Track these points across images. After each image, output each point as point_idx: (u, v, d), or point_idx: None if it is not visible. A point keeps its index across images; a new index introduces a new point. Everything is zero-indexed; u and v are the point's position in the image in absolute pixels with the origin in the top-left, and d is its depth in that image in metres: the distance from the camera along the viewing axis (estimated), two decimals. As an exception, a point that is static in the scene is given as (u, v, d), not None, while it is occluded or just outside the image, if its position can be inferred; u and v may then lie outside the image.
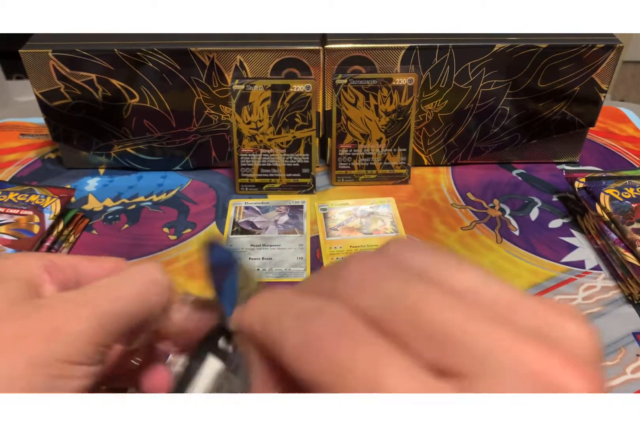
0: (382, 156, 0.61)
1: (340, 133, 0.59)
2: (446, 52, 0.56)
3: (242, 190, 0.61)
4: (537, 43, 0.56)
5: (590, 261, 0.53)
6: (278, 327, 0.17)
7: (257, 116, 0.57)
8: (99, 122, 0.60)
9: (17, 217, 0.51)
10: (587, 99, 0.60)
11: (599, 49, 0.56)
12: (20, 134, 0.71)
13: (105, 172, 0.65)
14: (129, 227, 0.57)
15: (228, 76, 0.57)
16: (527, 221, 0.57)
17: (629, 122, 0.73)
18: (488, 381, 0.15)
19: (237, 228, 0.56)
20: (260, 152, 0.59)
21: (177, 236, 0.56)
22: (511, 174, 0.65)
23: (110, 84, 0.57)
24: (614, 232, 0.51)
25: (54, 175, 0.64)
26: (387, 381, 0.15)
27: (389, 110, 0.58)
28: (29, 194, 0.53)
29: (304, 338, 0.16)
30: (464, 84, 0.59)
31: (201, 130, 0.61)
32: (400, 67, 0.57)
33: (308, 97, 0.56)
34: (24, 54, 0.55)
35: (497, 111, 0.61)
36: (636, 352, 0.44)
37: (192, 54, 0.56)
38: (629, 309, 0.48)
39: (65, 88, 0.57)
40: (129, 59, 0.56)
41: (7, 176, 0.64)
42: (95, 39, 0.56)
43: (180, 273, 0.51)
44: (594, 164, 0.66)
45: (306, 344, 0.16)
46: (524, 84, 0.59)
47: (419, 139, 0.63)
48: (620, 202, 0.52)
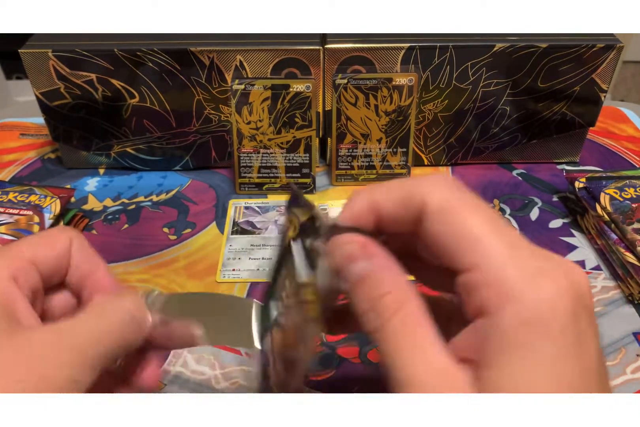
0: (382, 156, 0.61)
1: (340, 133, 0.59)
2: (446, 52, 0.56)
3: (242, 190, 0.61)
4: (537, 43, 0.56)
5: (591, 261, 0.53)
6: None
7: (257, 116, 0.57)
8: (99, 122, 0.60)
9: (16, 217, 0.51)
10: (587, 99, 0.60)
11: (599, 49, 0.56)
12: (20, 134, 0.71)
13: (105, 172, 0.65)
14: (128, 227, 0.57)
15: (228, 76, 0.57)
16: (527, 221, 0.57)
17: (629, 122, 0.73)
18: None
19: (237, 228, 0.56)
20: (260, 152, 0.59)
21: (177, 236, 0.56)
22: (511, 174, 0.65)
23: (110, 84, 0.57)
24: (614, 232, 0.51)
25: (54, 175, 0.64)
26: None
27: (389, 110, 0.58)
28: (28, 194, 0.53)
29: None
30: (464, 83, 0.59)
31: (201, 130, 0.61)
32: (400, 67, 0.57)
33: (308, 97, 0.56)
34: (23, 53, 0.55)
35: (497, 111, 0.61)
36: (636, 352, 0.44)
37: (192, 54, 0.56)
38: (629, 309, 0.48)
39: (65, 88, 0.57)
40: (129, 59, 0.56)
41: (7, 176, 0.64)
42: (95, 39, 0.56)
43: (180, 273, 0.51)
44: (594, 164, 0.66)
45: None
46: (524, 84, 0.59)
47: (419, 139, 0.63)
48: (621, 202, 0.52)
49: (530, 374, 0.18)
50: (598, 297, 0.49)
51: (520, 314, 0.19)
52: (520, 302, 0.19)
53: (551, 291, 0.19)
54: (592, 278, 0.51)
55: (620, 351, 0.44)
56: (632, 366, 0.43)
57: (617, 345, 0.44)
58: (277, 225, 0.56)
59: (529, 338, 0.18)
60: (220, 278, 0.50)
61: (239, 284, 0.50)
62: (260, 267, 0.51)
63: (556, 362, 0.18)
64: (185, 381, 0.42)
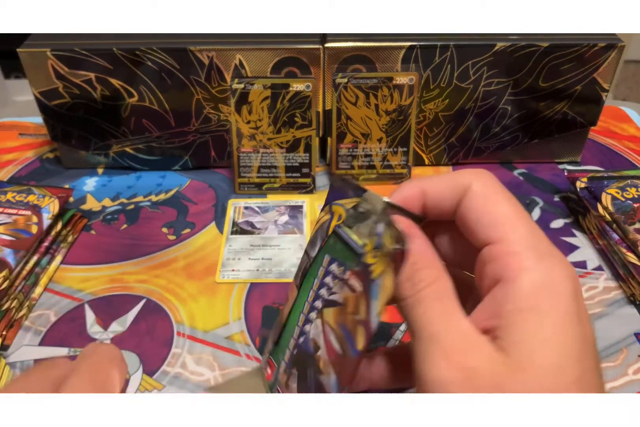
0: (383, 156, 0.60)
1: (341, 132, 0.59)
2: (447, 51, 0.56)
3: (242, 190, 0.61)
4: (538, 42, 0.56)
5: (592, 261, 0.52)
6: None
7: (257, 115, 0.57)
8: (98, 121, 0.60)
9: (15, 217, 0.50)
10: (588, 99, 0.60)
11: (600, 48, 0.56)
12: (19, 134, 0.71)
13: (104, 172, 0.64)
14: (127, 227, 0.56)
15: (227, 75, 0.57)
16: (528, 221, 0.57)
17: (631, 122, 0.73)
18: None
19: (236, 228, 0.56)
20: (259, 151, 0.58)
21: (176, 236, 0.55)
22: (512, 173, 0.64)
23: (109, 84, 0.57)
24: (615, 233, 0.50)
25: (53, 175, 0.64)
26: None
27: (389, 109, 0.58)
28: (27, 194, 0.53)
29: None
30: (465, 83, 0.58)
31: (200, 130, 0.61)
32: (401, 66, 0.57)
33: (308, 97, 0.56)
34: (22, 53, 0.55)
35: (498, 111, 0.60)
36: (638, 352, 0.44)
37: (192, 53, 0.55)
38: (631, 309, 0.47)
39: (63, 87, 0.57)
40: (128, 58, 0.55)
41: (5, 176, 0.64)
42: (94, 38, 0.56)
43: (179, 273, 0.51)
44: (596, 163, 0.66)
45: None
46: (525, 84, 0.58)
47: (420, 139, 0.63)
48: (622, 202, 0.52)
49: (544, 334, 0.21)
50: (599, 298, 0.48)
51: (535, 281, 0.22)
52: (535, 271, 0.22)
53: (559, 269, 0.22)
54: (594, 278, 0.50)
55: (621, 352, 0.44)
56: (633, 367, 0.43)
57: (619, 346, 0.44)
58: (276, 225, 0.56)
59: (542, 302, 0.21)
60: (219, 278, 0.50)
61: (238, 285, 0.50)
62: (259, 268, 0.51)
63: (564, 325, 0.21)
64: (184, 382, 0.41)
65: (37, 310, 0.48)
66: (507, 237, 0.23)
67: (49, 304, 0.48)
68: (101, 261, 0.52)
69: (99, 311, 0.47)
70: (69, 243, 0.54)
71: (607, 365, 0.43)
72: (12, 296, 0.46)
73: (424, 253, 0.25)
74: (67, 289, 0.50)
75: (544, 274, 0.22)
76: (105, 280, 0.50)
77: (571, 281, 0.22)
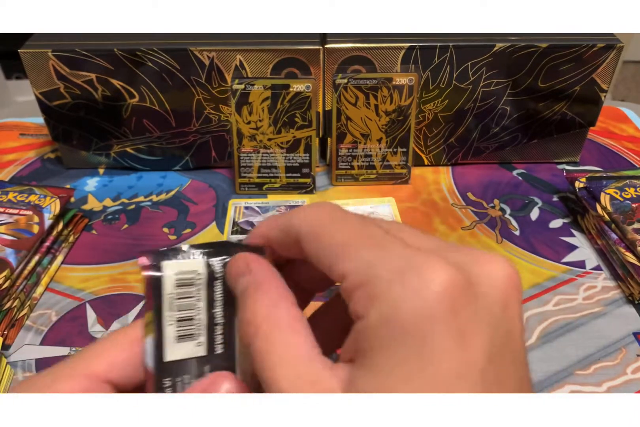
0: (382, 156, 0.61)
1: (340, 133, 0.59)
2: (446, 51, 0.56)
3: (242, 190, 0.61)
4: (537, 43, 0.56)
5: (591, 261, 0.52)
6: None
7: (257, 116, 0.57)
8: (99, 122, 0.60)
9: (16, 217, 0.50)
10: (587, 99, 0.60)
11: (599, 49, 0.56)
12: (20, 134, 0.71)
13: (105, 172, 0.65)
14: (128, 227, 0.57)
15: (228, 76, 0.57)
16: (527, 221, 0.57)
17: (630, 122, 0.73)
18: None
19: (237, 228, 0.56)
20: (260, 152, 0.59)
21: (176, 236, 0.56)
22: (511, 174, 0.64)
23: (110, 84, 0.57)
24: (614, 232, 0.51)
25: (54, 175, 0.64)
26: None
27: (389, 110, 0.58)
28: (28, 194, 0.53)
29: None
30: (464, 83, 0.58)
31: (201, 130, 0.61)
32: (401, 66, 0.57)
33: (308, 97, 0.56)
34: (23, 53, 0.55)
35: (497, 111, 0.61)
36: (637, 352, 0.44)
37: (192, 54, 0.56)
38: (630, 309, 0.48)
39: (64, 88, 0.57)
40: (129, 58, 0.56)
41: (7, 176, 0.64)
42: (95, 38, 0.56)
43: (180, 273, 0.51)
44: (595, 164, 0.66)
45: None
46: (524, 84, 0.59)
47: (419, 139, 0.63)
48: (621, 202, 0.52)
49: (387, 375, 0.18)
50: (598, 297, 0.49)
51: (382, 313, 0.19)
52: (383, 300, 0.19)
53: (417, 286, 0.18)
54: (593, 278, 0.51)
55: (620, 351, 0.44)
56: (632, 366, 0.43)
57: (618, 345, 0.44)
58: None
59: (389, 337, 0.18)
60: (220, 278, 0.50)
61: (238, 284, 0.50)
62: (260, 267, 0.51)
63: (409, 362, 0.18)
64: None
65: (39, 309, 0.48)
66: (350, 269, 0.20)
67: (50, 304, 0.48)
68: (102, 260, 0.53)
69: (100, 311, 0.47)
70: (70, 243, 0.54)
71: (606, 364, 0.43)
72: (14, 296, 0.46)
73: (261, 290, 0.22)
74: (68, 288, 0.50)
75: (392, 301, 0.19)
76: (106, 280, 0.50)
77: (443, 288, 0.18)
